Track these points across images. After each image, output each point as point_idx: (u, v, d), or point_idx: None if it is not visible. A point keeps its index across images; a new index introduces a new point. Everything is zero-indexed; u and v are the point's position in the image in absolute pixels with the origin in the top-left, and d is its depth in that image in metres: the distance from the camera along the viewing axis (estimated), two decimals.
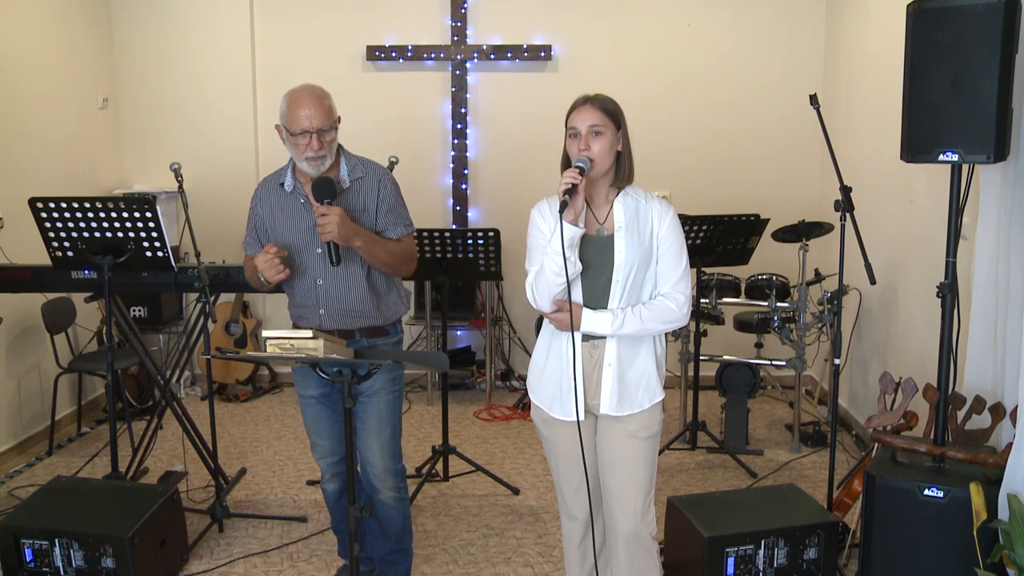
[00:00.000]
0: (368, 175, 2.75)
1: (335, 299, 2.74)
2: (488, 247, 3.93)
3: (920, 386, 2.98)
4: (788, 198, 5.45)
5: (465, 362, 5.68)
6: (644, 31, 5.50)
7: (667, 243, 2.39)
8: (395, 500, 2.88)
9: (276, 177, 2.82)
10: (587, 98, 2.36)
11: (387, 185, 2.76)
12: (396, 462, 2.88)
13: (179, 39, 5.51)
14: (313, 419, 2.89)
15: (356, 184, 2.74)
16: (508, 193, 5.59)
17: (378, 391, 2.78)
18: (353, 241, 2.61)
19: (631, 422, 2.42)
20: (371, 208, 2.74)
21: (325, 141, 2.62)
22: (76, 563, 2.96)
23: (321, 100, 2.62)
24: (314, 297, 2.76)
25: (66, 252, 3.25)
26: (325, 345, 2.16)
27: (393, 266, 2.75)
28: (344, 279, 2.74)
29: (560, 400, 2.44)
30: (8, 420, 4.44)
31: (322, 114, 2.60)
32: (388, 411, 2.82)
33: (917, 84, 2.71)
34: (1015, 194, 2.79)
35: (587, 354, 2.41)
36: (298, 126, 2.59)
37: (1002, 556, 2.45)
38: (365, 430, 2.81)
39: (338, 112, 2.71)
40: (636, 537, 2.44)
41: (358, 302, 2.75)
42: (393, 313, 2.84)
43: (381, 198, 2.74)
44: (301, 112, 2.59)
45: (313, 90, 2.64)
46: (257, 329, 5.53)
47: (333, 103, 2.68)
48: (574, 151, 2.34)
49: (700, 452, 4.50)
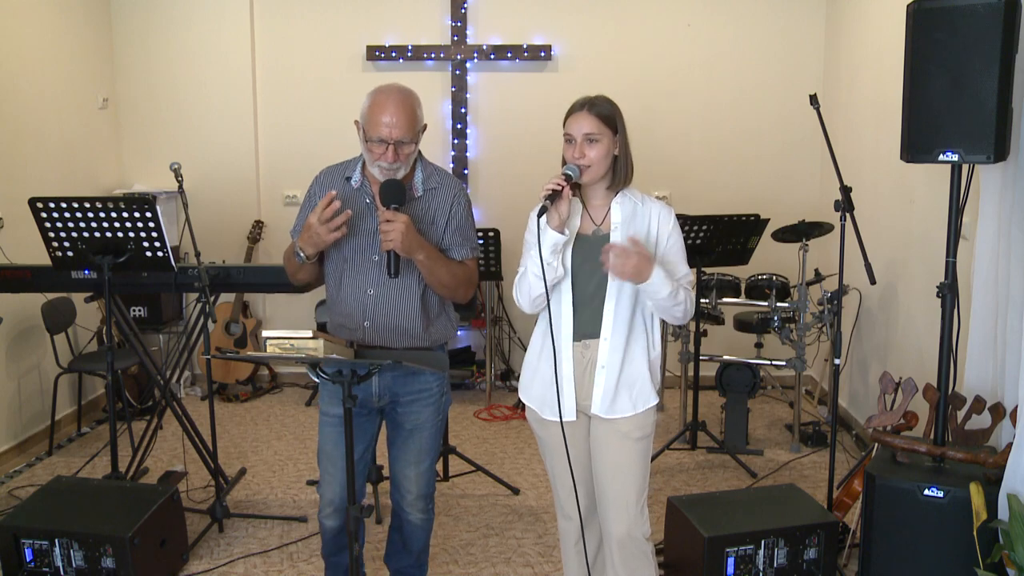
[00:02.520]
0: (443, 187, 2.55)
1: (384, 313, 2.52)
2: (488, 247, 3.93)
3: (920, 386, 2.98)
4: (788, 198, 5.44)
5: (465, 362, 5.68)
6: (644, 31, 5.50)
7: (671, 243, 2.41)
8: (423, 521, 2.75)
9: (342, 169, 2.58)
10: (584, 103, 2.34)
11: (461, 202, 2.55)
12: (430, 487, 2.72)
13: (179, 39, 5.51)
14: (331, 442, 2.63)
15: (429, 194, 2.53)
16: (508, 193, 5.59)
17: (423, 425, 2.61)
18: (416, 254, 2.39)
19: (624, 423, 2.42)
20: (440, 223, 2.53)
21: (403, 154, 2.40)
22: (76, 563, 2.96)
23: (408, 108, 2.38)
24: (361, 307, 2.53)
25: (66, 252, 3.25)
26: (325, 345, 2.16)
27: (452, 288, 2.53)
28: (398, 292, 2.52)
29: (550, 401, 2.45)
30: (8, 420, 4.44)
31: (406, 124, 2.36)
32: (430, 444, 2.65)
33: (917, 84, 2.71)
34: (1015, 194, 2.79)
35: (579, 355, 2.41)
36: (376, 133, 2.37)
37: (1002, 556, 2.45)
38: (404, 459, 2.65)
39: (424, 120, 2.48)
40: (630, 539, 2.44)
41: (407, 320, 2.53)
42: (440, 337, 2.63)
43: (452, 213, 2.53)
44: (383, 118, 2.35)
45: (401, 95, 2.40)
46: (257, 329, 5.52)
47: (420, 111, 2.44)
48: (569, 156, 2.34)
49: (700, 452, 4.50)
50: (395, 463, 2.68)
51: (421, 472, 2.66)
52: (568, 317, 2.40)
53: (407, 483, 2.67)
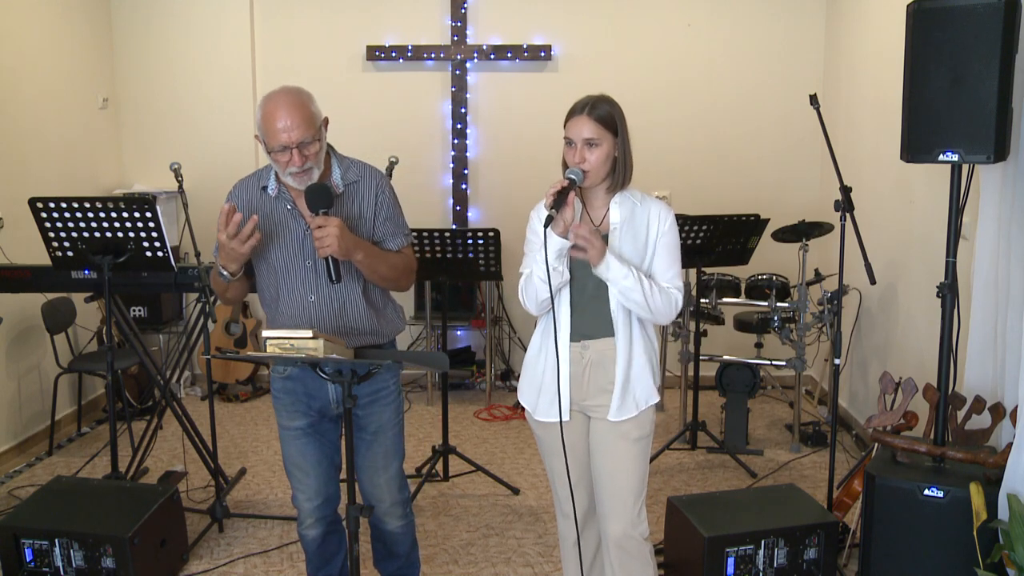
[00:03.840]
0: (363, 179, 2.48)
1: (329, 317, 2.46)
2: (488, 247, 3.93)
3: (920, 386, 2.98)
4: (788, 198, 5.44)
5: (465, 362, 5.68)
6: (644, 31, 5.50)
7: (664, 241, 2.39)
8: (402, 527, 2.72)
9: (256, 179, 2.49)
10: (583, 106, 2.32)
11: (385, 190, 2.49)
12: (403, 492, 2.69)
13: (179, 39, 5.51)
14: (299, 453, 2.55)
15: (350, 189, 2.46)
16: (508, 193, 5.59)
17: (385, 426, 2.58)
18: (354, 255, 2.33)
19: (623, 423, 2.42)
20: (368, 216, 2.46)
21: (310, 153, 2.31)
22: (76, 563, 2.96)
23: (299, 106, 2.29)
24: (305, 315, 2.46)
25: (66, 252, 3.25)
26: (325, 345, 2.15)
27: (394, 280, 2.49)
28: (340, 294, 2.46)
29: (544, 401, 2.46)
30: (8, 420, 4.44)
31: (302, 124, 2.28)
32: (394, 445, 2.62)
33: (917, 84, 2.71)
34: (1015, 194, 2.79)
35: (577, 355, 2.41)
36: (275, 141, 2.28)
37: (1002, 556, 2.45)
38: (371, 467, 2.60)
39: (323, 114, 2.39)
40: (628, 539, 2.44)
41: (356, 320, 2.48)
42: (392, 330, 2.59)
43: (379, 204, 2.47)
44: (277, 124, 2.27)
45: (289, 96, 2.31)
46: (257, 329, 5.52)
47: (315, 107, 2.35)
48: (570, 160, 2.33)
49: (700, 452, 4.50)
50: (363, 472, 2.62)
51: (391, 477, 2.62)
52: (566, 318, 2.40)
53: (378, 491, 2.63)
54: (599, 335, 2.41)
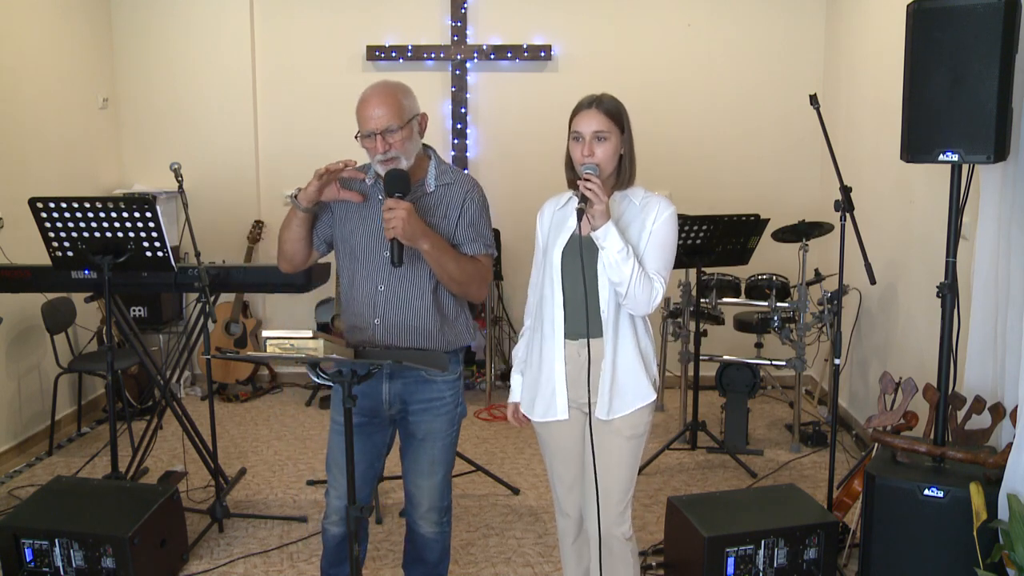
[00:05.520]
0: (456, 183, 2.50)
1: (395, 310, 2.48)
2: None
3: (920, 386, 2.98)
4: (788, 198, 5.44)
5: (465, 362, 5.65)
6: (644, 31, 5.50)
7: (658, 235, 2.35)
8: (436, 534, 2.69)
9: (363, 170, 2.55)
10: (592, 101, 2.33)
11: (474, 198, 2.49)
12: (443, 500, 2.64)
13: (179, 39, 5.51)
14: (339, 449, 2.54)
15: (441, 190, 2.49)
16: (508, 193, 5.58)
17: (434, 435, 2.56)
18: (420, 242, 2.33)
19: (618, 421, 2.42)
20: (452, 217, 2.47)
21: (395, 140, 2.37)
22: (76, 563, 2.96)
23: (389, 96, 2.38)
24: (372, 305, 2.49)
25: (66, 252, 3.25)
26: (325, 345, 2.16)
27: (462, 284, 2.46)
28: (408, 287, 2.47)
29: (541, 401, 2.46)
30: (8, 420, 4.44)
31: (389, 111, 2.35)
32: (443, 456, 2.59)
33: (917, 84, 2.71)
34: (1015, 194, 2.79)
35: (575, 353, 2.41)
36: (364, 127, 2.39)
37: (1002, 556, 2.45)
38: (416, 470, 2.59)
39: (420, 111, 2.47)
40: (609, 536, 2.44)
41: (419, 318, 2.48)
42: (457, 340, 2.59)
43: (465, 208, 2.47)
44: (367, 112, 2.37)
45: (383, 86, 2.42)
46: (257, 329, 5.53)
47: (409, 100, 2.43)
48: (577, 155, 2.33)
49: (700, 452, 4.50)
50: (407, 474, 2.63)
51: (435, 484, 2.61)
52: (559, 316, 2.40)
53: (418, 494, 2.62)
54: (595, 334, 2.39)
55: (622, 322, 2.38)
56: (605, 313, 2.37)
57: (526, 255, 4.74)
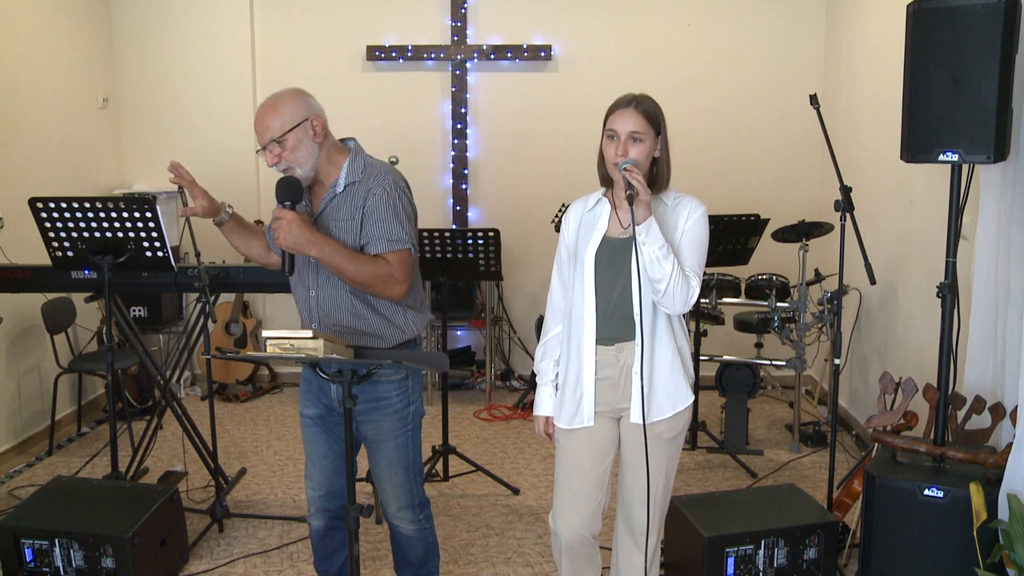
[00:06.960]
0: (361, 181, 2.44)
1: (327, 313, 2.50)
2: (488, 247, 3.93)
3: (920, 386, 2.98)
4: (788, 198, 5.45)
5: (465, 362, 5.68)
6: (644, 31, 5.50)
7: (691, 234, 2.35)
8: (414, 531, 2.69)
9: None
10: (630, 100, 2.30)
11: (376, 194, 2.41)
12: (412, 499, 2.65)
13: (179, 39, 5.51)
14: (308, 442, 2.64)
15: (348, 190, 2.44)
16: (508, 193, 5.59)
17: (385, 436, 2.56)
18: (308, 250, 2.33)
19: (656, 423, 2.37)
20: (357, 217, 2.43)
21: (285, 150, 2.37)
22: (76, 563, 2.96)
23: (270, 109, 2.36)
24: (308, 310, 2.54)
25: (66, 252, 3.25)
26: (325, 345, 2.16)
27: (365, 285, 2.40)
28: (332, 291, 2.48)
29: (573, 406, 2.42)
30: (8, 420, 4.44)
31: (269, 123, 2.35)
32: (399, 455, 2.58)
33: (917, 84, 2.71)
34: (1015, 194, 2.79)
35: (612, 359, 2.37)
36: (259, 143, 2.41)
37: (1002, 556, 2.45)
38: (376, 473, 2.63)
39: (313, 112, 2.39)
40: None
41: (352, 318, 2.48)
42: (398, 336, 2.53)
43: (366, 208, 2.41)
44: (255, 128, 2.39)
45: (266, 101, 2.39)
46: (257, 329, 5.53)
47: (293, 107, 2.37)
48: (611, 154, 2.30)
49: (700, 452, 4.50)
50: (372, 476, 2.68)
51: (397, 484, 2.62)
52: (591, 320, 2.36)
53: (385, 495, 2.66)
54: (630, 337, 2.35)
55: (659, 323, 2.35)
56: (643, 315, 2.32)
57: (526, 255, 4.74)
